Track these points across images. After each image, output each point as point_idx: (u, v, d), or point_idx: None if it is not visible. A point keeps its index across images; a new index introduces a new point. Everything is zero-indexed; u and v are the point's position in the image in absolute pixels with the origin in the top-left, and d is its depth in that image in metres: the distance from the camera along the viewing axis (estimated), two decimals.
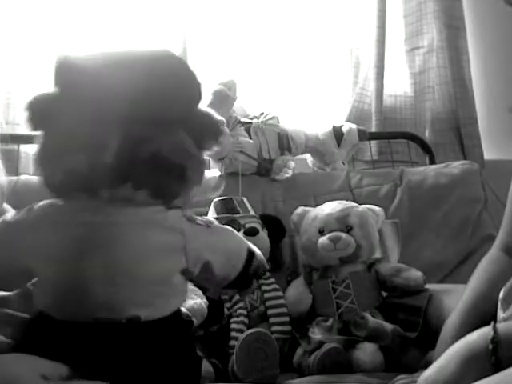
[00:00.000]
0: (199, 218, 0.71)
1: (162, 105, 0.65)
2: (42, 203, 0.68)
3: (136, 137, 0.64)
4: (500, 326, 0.76)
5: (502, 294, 0.90)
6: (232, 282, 0.74)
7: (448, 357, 0.77)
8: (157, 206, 0.67)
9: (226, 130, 1.53)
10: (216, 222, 0.75)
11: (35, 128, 0.67)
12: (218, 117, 0.71)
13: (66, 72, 0.65)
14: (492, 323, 0.76)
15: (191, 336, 0.74)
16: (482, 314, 0.96)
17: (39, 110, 0.66)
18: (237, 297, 1.25)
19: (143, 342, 0.64)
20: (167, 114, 0.66)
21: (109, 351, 0.63)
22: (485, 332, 0.76)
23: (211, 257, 0.70)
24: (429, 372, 0.78)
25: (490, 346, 0.73)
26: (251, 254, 0.75)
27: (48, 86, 0.68)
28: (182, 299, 0.72)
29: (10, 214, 0.69)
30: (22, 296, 0.72)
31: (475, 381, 0.68)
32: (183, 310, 0.74)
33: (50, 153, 0.66)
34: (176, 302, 0.70)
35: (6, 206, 1.34)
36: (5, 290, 0.73)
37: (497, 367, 0.71)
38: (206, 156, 0.77)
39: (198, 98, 0.69)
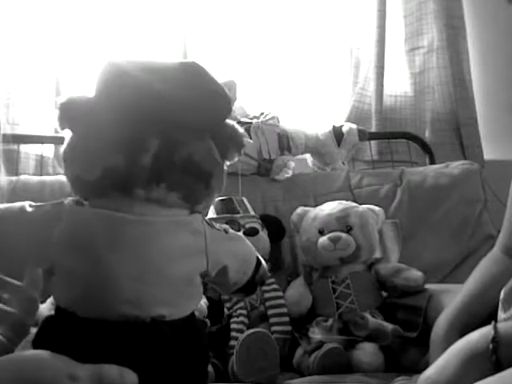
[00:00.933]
0: (217, 224, 0.75)
1: (197, 113, 0.69)
2: (70, 199, 0.69)
3: (174, 140, 0.67)
4: (500, 325, 0.76)
5: (502, 294, 0.90)
6: (240, 287, 0.77)
7: (449, 357, 0.77)
8: (183, 210, 0.70)
9: None
10: (231, 230, 0.77)
11: (64, 127, 0.69)
12: (241, 130, 0.75)
13: (110, 75, 0.68)
14: (493, 323, 0.76)
15: (205, 337, 0.76)
16: (474, 313, 0.97)
17: (72, 110, 0.68)
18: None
19: (166, 341, 0.65)
20: (200, 122, 0.69)
21: (132, 349, 0.63)
22: (485, 332, 0.76)
23: (228, 261, 0.72)
24: (430, 372, 0.78)
25: (491, 346, 0.73)
26: (259, 262, 0.78)
27: (48, 86, 0.69)
28: (198, 301, 0.74)
29: (26, 204, 0.69)
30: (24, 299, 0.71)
31: (476, 381, 0.68)
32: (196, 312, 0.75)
33: (87, 151, 0.67)
34: (195, 303, 0.72)
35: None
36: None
37: (497, 367, 0.71)
38: None
39: (228, 111, 0.73)
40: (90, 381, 0.57)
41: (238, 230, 1.31)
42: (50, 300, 0.87)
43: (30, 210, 0.68)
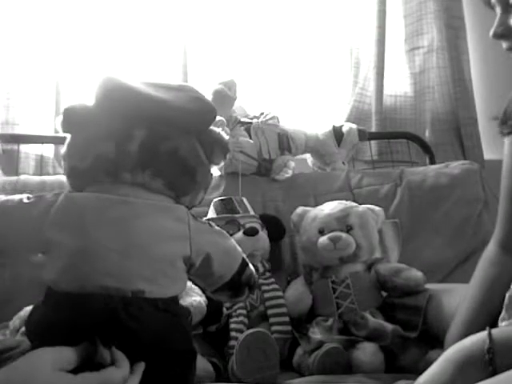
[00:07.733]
0: (200, 219, 0.80)
1: (184, 116, 0.77)
2: (67, 190, 0.77)
3: (160, 133, 0.75)
4: (495, 332, 0.74)
5: (506, 299, 0.89)
6: (226, 284, 0.80)
7: (443, 364, 0.76)
8: (168, 198, 0.76)
9: (227, 130, 1.53)
10: (216, 226, 0.81)
11: (65, 131, 0.77)
12: (226, 137, 0.84)
13: (105, 83, 0.77)
14: (488, 329, 0.75)
15: (187, 322, 0.79)
16: (484, 323, 0.96)
17: (72, 116, 0.77)
18: None
19: (144, 317, 0.69)
20: (187, 124, 0.78)
21: (112, 322, 0.67)
22: (480, 339, 0.75)
23: (212, 251, 0.77)
24: (423, 379, 0.78)
25: (487, 357, 0.72)
26: (245, 262, 0.82)
27: (48, 86, 0.72)
28: (181, 287, 0.77)
29: (24, 196, 0.76)
30: None
31: None
32: (182, 303, 0.78)
33: (82, 144, 0.76)
34: (176, 288, 0.75)
35: None
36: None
37: (493, 375, 0.70)
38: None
39: (212, 118, 0.82)
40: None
41: (238, 230, 1.31)
42: None
43: (27, 201, 0.75)
